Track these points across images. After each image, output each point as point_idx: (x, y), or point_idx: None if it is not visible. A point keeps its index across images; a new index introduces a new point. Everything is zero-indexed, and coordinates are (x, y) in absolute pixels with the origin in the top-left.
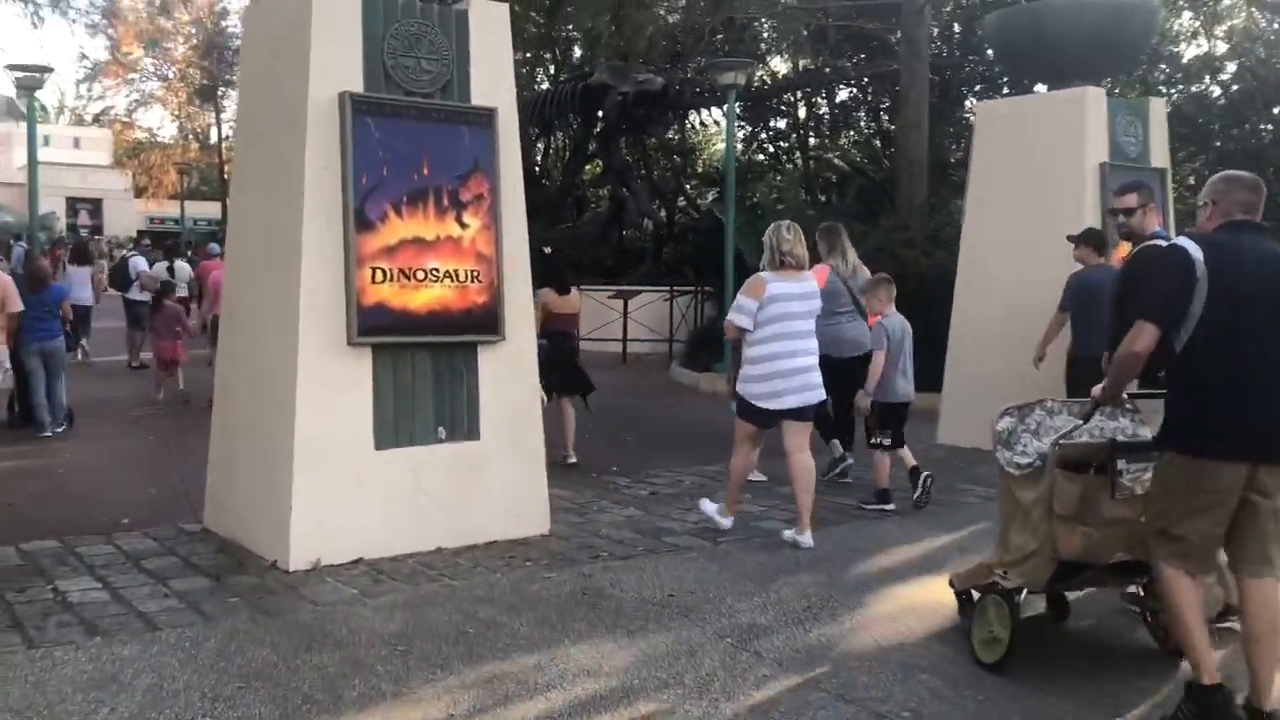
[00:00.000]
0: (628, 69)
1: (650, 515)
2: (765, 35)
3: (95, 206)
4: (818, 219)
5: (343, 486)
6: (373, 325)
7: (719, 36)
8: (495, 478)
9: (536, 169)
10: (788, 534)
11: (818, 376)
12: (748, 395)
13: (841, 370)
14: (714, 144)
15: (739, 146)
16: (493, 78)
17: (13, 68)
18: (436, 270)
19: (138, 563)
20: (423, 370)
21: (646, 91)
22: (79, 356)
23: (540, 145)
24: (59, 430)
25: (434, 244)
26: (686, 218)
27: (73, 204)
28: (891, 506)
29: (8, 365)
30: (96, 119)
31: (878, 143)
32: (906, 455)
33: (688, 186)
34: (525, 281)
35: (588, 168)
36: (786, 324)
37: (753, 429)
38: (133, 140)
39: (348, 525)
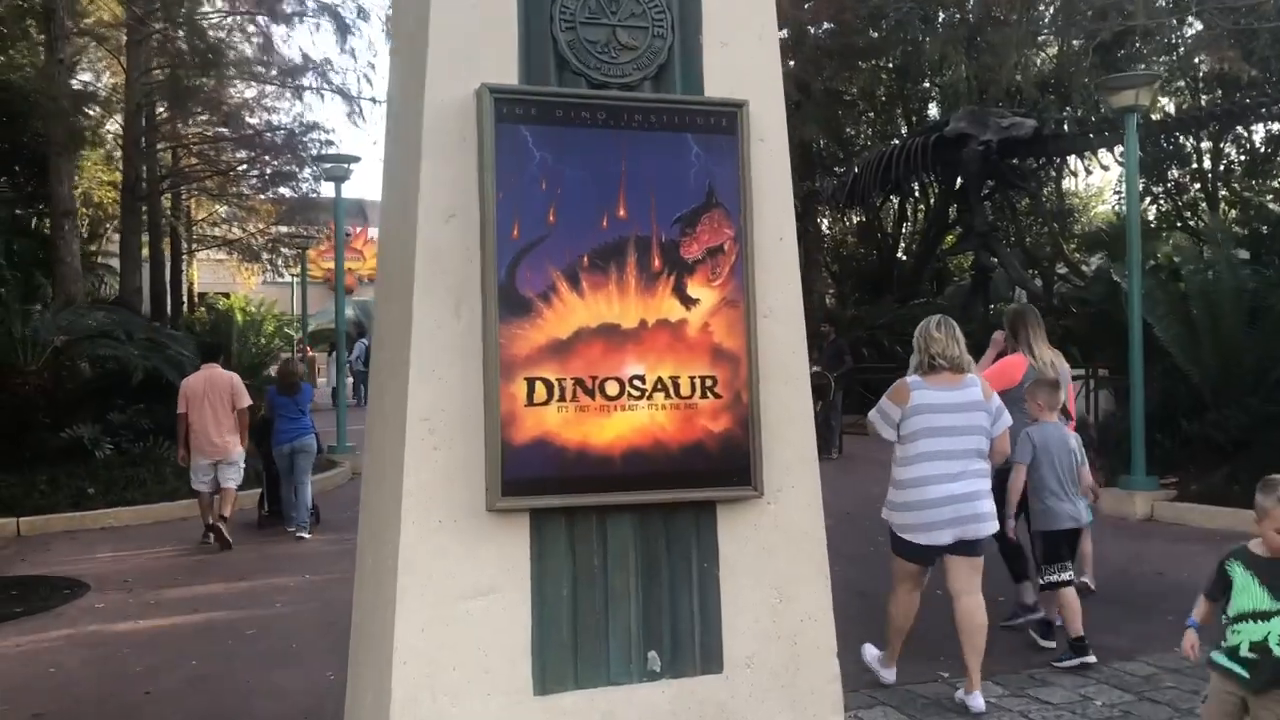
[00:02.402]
0: (989, 114)
1: None
2: (1163, 61)
3: None
4: (1272, 280)
5: None
6: (531, 476)
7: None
8: None
9: (889, 239)
10: (959, 695)
11: (985, 505)
12: (894, 526)
13: None
14: (1095, 205)
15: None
16: (742, 51)
17: (320, 159)
18: (640, 380)
19: None
20: (620, 552)
21: (1014, 138)
22: None
23: (890, 211)
24: (306, 532)
25: (637, 335)
26: (1068, 286)
27: None
28: (1092, 659)
29: (243, 464)
30: None
31: None
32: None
33: (1068, 249)
34: (801, 391)
35: (948, 236)
36: (938, 440)
37: (911, 568)
38: None
39: None
